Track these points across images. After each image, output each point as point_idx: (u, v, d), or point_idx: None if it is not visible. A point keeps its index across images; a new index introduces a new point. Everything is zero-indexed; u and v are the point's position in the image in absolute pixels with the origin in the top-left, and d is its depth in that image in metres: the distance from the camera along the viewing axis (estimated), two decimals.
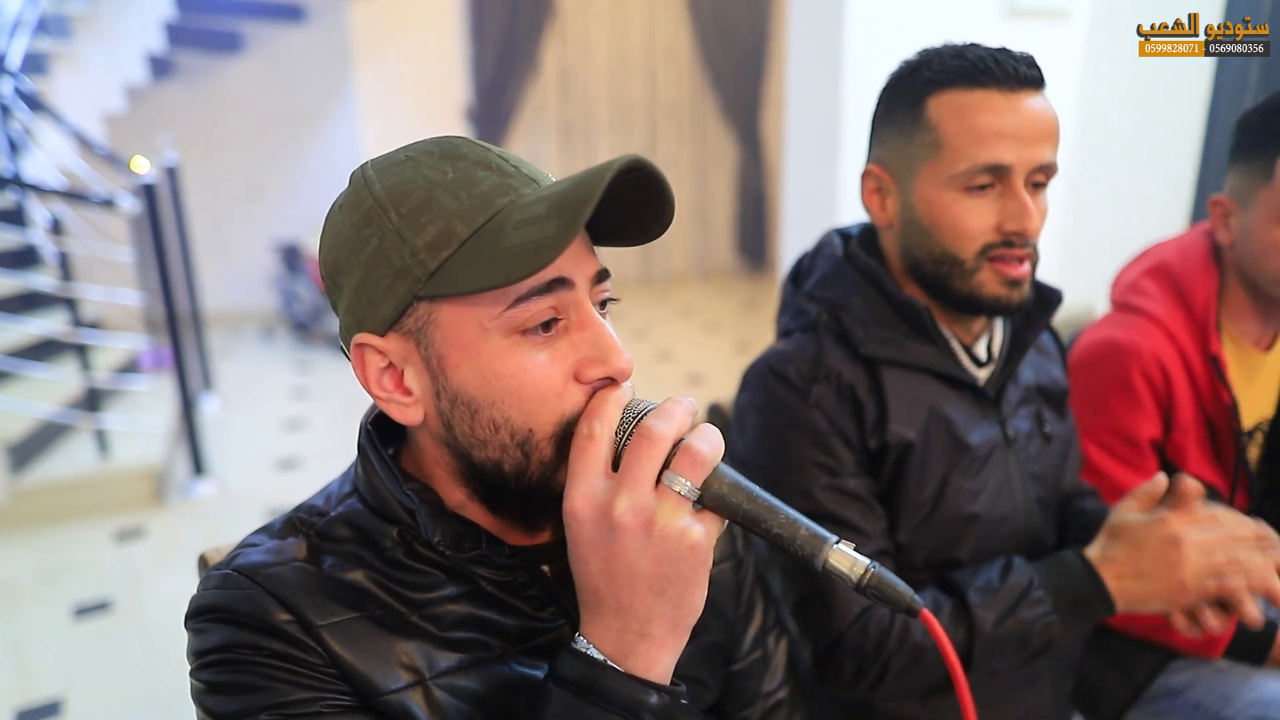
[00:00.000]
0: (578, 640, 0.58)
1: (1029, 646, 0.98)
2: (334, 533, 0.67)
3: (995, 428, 1.06)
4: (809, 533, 0.57)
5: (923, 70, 0.97)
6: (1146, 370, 1.24)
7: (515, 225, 0.56)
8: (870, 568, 0.56)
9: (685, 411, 0.59)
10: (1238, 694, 1.19)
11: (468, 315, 0.59)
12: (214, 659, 0.61)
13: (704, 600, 0.58)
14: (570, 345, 0.60)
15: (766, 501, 0.58)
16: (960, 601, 0.98)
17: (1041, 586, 0.98)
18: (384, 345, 0.61)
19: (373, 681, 0.62)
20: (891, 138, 1.01)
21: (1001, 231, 0.96)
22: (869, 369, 1.02)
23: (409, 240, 0.58)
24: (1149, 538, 0.96)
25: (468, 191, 0.59)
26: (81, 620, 2.61)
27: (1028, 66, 0.93)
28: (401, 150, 0.64)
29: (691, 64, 7.06)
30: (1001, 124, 0.92)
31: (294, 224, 6.13)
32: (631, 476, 0.55)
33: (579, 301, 0.60)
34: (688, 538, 0.55)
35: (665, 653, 0.58)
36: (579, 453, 0.58)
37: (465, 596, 0.66)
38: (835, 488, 0.99)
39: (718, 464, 0.58)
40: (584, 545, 0.57)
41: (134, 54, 4.91)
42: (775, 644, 0.89)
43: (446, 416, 0.61)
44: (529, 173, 0.62)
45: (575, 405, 0.60)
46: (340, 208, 0.63)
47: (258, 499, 3.41)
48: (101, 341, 3.72)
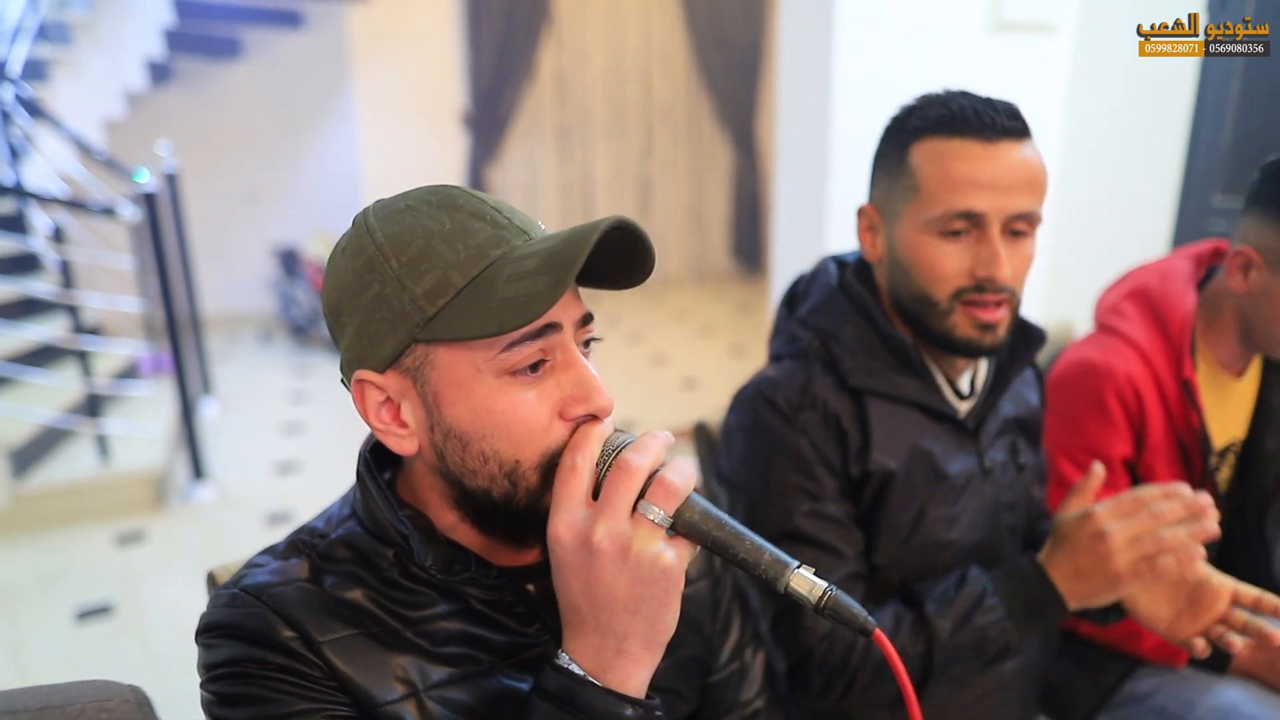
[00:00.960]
0: (560, 656, 0.63)
1: (986, 652, 1.02)
2: (334, 554, 0.72)
3: (973, 459, 1.11)
4: (772, 558, 0.61)
5: (911, 118, 1.02)
6: (1120, 391, 1.28)
7: (508, 279, 0.61)
8: (828, 591, 0.60)
9: (661, 445, 0.63)
10: (1200, 700, 1.24)
11: (462, 357, 0.63)
12: (223, 672, 0.66)
13: (677, 619, 0.63)
14: (556, 384, 0.65)
15: (734, 529, 0.63)
16: (919, 613, 1.02)
17: (995, 594, 1.01)
18: (383, 381, 0.66)
19: (370, 694, 0.67)
20: (881, 180, 1.06)
21: (973, 276, 0.99)
22: (855, 399, 1.06)
23: (408, 287, 0.63)
24: (1079, 536, 0.99)
25: (464, 243, 0.63)
26: (83, 624, 2.64)
27: (1008, 117, 0.97)
28: (401, 198, 0.68)
29: (687, 69, 7.11)
30: (976, 173, 0.96)
31: (292, 228, 6.18)
32: (609, 506, 0.60)
33: (565, 344, 0.65)
34: (660, 562, 0.60)
35: (641, 668, 0.63)
36: (562, 483, 0.63)
37: (456, 614, 0.71)
38: (816, 512, 1.04)
39: (690, 494, 0.63)
40: (566, 568, 0.62)
41: (134, 60, 4.94)
42: (752, 656, 0.94)
43: (440, 448, 0.66)
44: (520, 224, 0.66)
45: (559, 439, 0.65)
46: (343, 251, 0.68)
47: (257, 503, 3.45)
48: (102, 347, 3.75)
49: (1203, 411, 1.27)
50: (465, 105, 6.33)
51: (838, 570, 1.04)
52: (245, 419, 4.45)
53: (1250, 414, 1.38)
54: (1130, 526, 0.96)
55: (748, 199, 7.56)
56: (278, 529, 3.25)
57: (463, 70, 6.26)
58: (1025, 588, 1.01)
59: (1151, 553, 0.94)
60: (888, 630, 1.01)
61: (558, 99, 6.71)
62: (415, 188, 0.69)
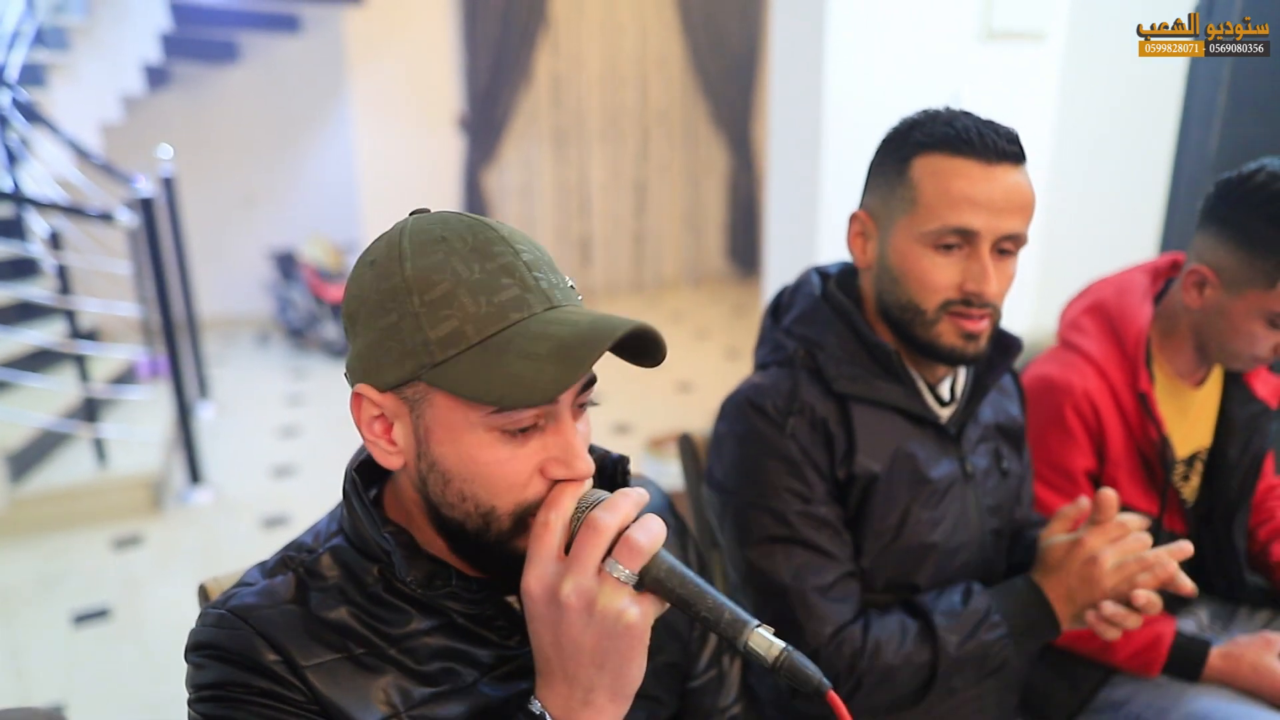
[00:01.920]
0: (532, 703, 0.66)
1: (986, 666, 1.06)
2: (321, 569, 0.74)
3: (955, 463, 1.13)
4: (733, 616, 0.64)
5: (915, 131, 1.04)
6: (1078, 406, 1.31)
7: (517, 354, 0.62)
8: (785, 651, 0.62)
9: (632, 504, 0.65)
10: (1174, 707, 1.27)
11: (458, 407, 0.65)
12: (209, 694, 0.68)
13: (643, 672, 0.66)
14: (541, 445, 0.67)
15: (698, 586, 0.64)
16: (926, 624, 1.06)
17: (998, 611, 1.06)
18: (380, 400, 0.68)
19: (352, 717, 0.69)
20: (878, 188, 1.08)
21: (962, 290, 1.02)
22: (840, 404, 1.09)
23: (424, 329, 0.64)
24: (1071, 561, 1.05)
25: (487, 298, 0.64)
26: (81, 627, 2.66)
27: (1008, 142, 1.00)
28: (440, 224, 0.68)
29: (683, 72, 7.13)
30: (974, 192, 0.99)
31: (289, 231, 6.20)
32: (578, 562, 0.62)
33: (559, 415, 0.67)
34: (624, 618, 0.62)
35: (605, 718, 0.66)
36: (536, 538, 0.65)
37: (439, 630, 0.74)
38: (807, 514, 1.07)
39: (657, 551, 0.64)
40: (537, 620, 0.65)
41: (130, 65, 4.96)
42: (730, 663, 0.96)
43: (423, 475, 0.69)
44: (546, 287, 0.67)
45: (536, 494, 0.68)
46: (371, 264, 0.68)
47: (254, 506, 3.48)
48: (99, 352, 3.77)
49: (1161, 423, 1.30)
50: (462, 109, 6.35)
51: (831, 570, 1.06)
52: (242, 422, 4.47)
53: (1214, 423, 1.40)
54: (1119, 551, 1.02)
55: (744, 202, 7.59)
56: (274, 532, 3.27)
57: (459, 73, 6.29)
58: (1025, 607, 1.07)
59: (1134, 573, 1.01)
60: (894, 638, 1.05)
61: (554, 102, 6.73)
62: (455, 214, 0.69)
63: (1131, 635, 1.29)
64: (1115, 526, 1.04)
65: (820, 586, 1.05)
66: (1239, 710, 1.23)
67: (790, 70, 2.50)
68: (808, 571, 1.05)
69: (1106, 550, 1.02)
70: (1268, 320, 1.21)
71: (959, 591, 1.09)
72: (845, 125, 2.38)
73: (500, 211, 6.73)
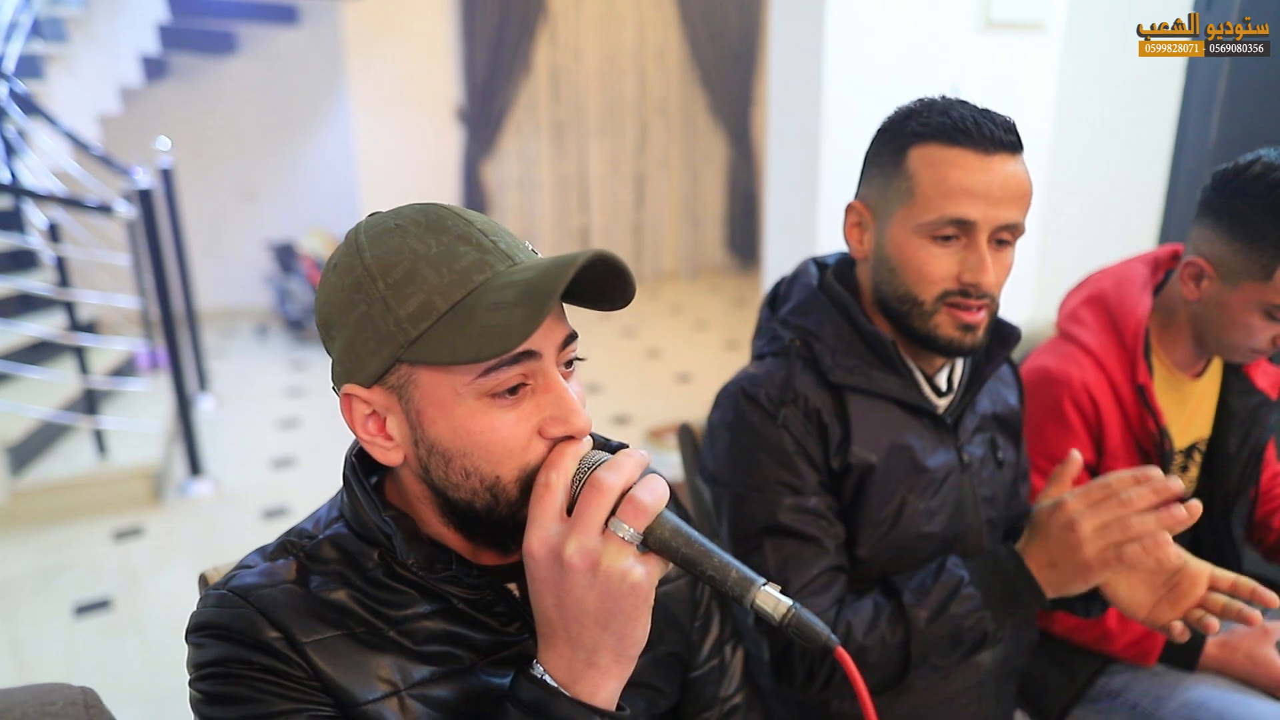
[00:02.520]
0: (534, 666, 0.66)
1: (964, 641, 1.04)
2: (321, 554, 0.75)
3: (952, 453, 1.14)
4: (739, 575, 0.64)
5: (911, 121, 1.03)
6: (1076, 399, 1.31)
7: (487, 307, 0.63)
8: (792, 608, 0.62)
9: (635, 464, 0.65)
10: (1171, 696, 1.28)
11: (443, 379, 0.65)
12: (210, 671, 0.68)
13: (647, 633, 0.65)
14: (535, 406, 0.67)
15: (703, 546, 0.64)
16: (897, 603, 1.05)
17: (972, 583, 1.03)
18: (369, 396, 0.69)
19: (352, 693, 0.70)
20: (875, 179, 1.08)
21: (960, 281, 1.02)
22: (836, 394, 1.09)
23: (394, 310, 0.65)
24: (1050, 526, 1.00)
25: (448, 267, 0.65)
26: (82, 618, 2.67)
27: (1005, 131, 0.99)
28: (392, 215, 0.70)
29: (682, 64, 7.11)
30: (971, 182, 0.99)
31: (288, 223, 6.19)
32: (581, 522, 0.62)
33: (545, 370, 0.67)
34: (629, 578, 0.62)
35: (610, 680, 0.65)
36: (537, 499, 0.65)
37: (439, 614, 0.74)
38: (798, 506, 1.07)
39: (661, 511, 0.64)
40: (539, 582, 0.64)
41: (128, 56, 4.95)
42: (732, 653, 0.96)
43: (424, 461, 0.69)
44: (506, 248, 0.68)
45: (538, 456, 0.67)
46: (334, 267, 0.70)
47: (254, 498, 3.48)
48: (98, 344, 3.77)
49: (1159, 415, 1.30)
50: (460, 100, 6.34)
51: (818, 562, 1.06)
52: (241, 414, 4.48)
53: (1214, 414, 1.40)
54: (1098, 515, 0.97)
55: (743, 193, 7.58)
56: (274, 524, 3.27)
57: (458, 65, 6.27)
58: (1003, 577, 1.03)
59: (1119, 540, 0.95)
60: (867, 620, 1.04)
61: (553, 94, 6.72)
62: (407, 205, 0.71)
63: (1128, 625, 1.29)
64: (1098, 489, 0.98)
65: (804, 580, 1.05)
66: (1235, 699, 1.24)
67: (789, 61, 2.50)
68: (793, 564, 1.05)
69: (1084, 515, 0.97)
70: (1265, 312, 1.20)
71: (933, 566, 1.07)
72: (844, 116, 2.38)
73: (499, 203, 6.72)
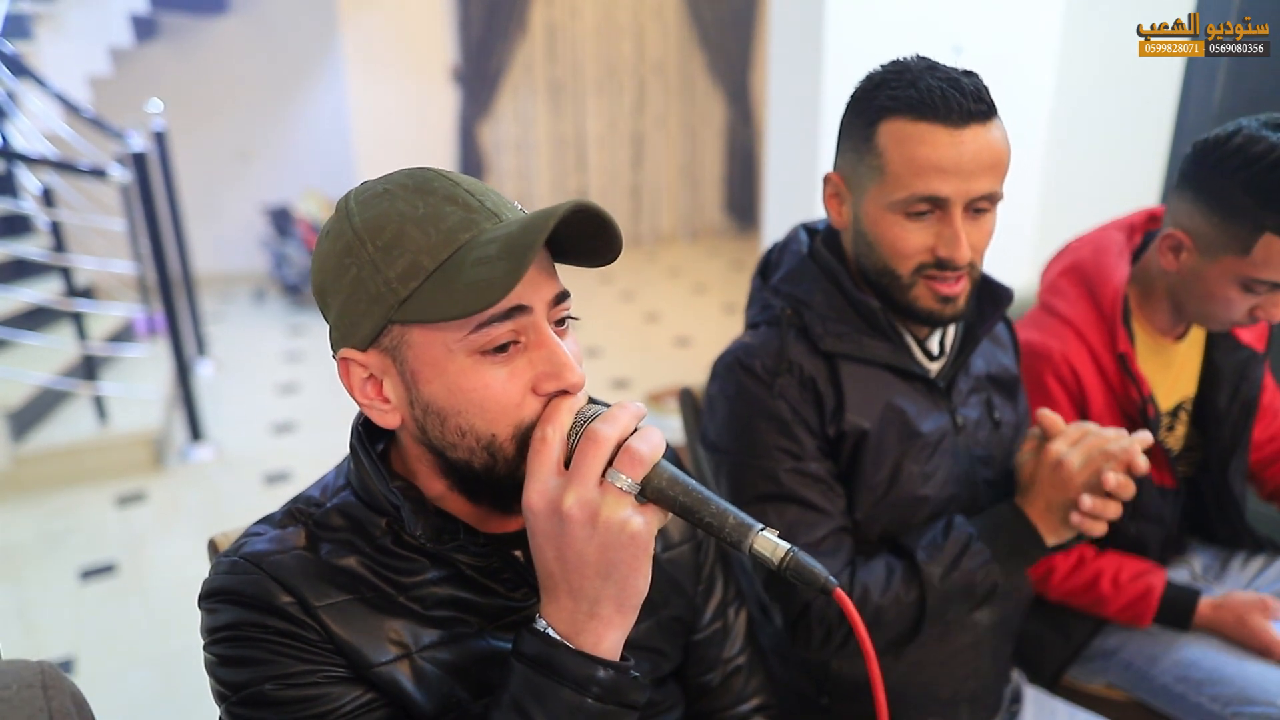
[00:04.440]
0: (537, 620, 0.66)
1: (975, 593, 1.08)
2: (330, 522, 0.76)
3: (946, 416, 1.14)
4: (737, 521, 0.64)
5: (880, 93, 1.02)
6: (1058, 372, 1.32)
7: (472, 263, 0.63)
8: (790, 551, 0.63)
9: (631, 416, 0.66)
10: (1164, 655, 1.30)
11: (435, 338, 0.66)
12: (224, 635, 0.70)
13: (648, 583, 0.66)
14: (528, 362, 0.68)
15: (700, 494, 0.65)
16: (910, 562, 1.08)
17: (980, 538, 1.07)
18: (365, 359, 0.69)
19: (365, 655, 0.71)
20: (848, 152, 1.07)
21: (935, 254, 1.02)
22: (828, 362, 1.10)
23: (383, 271, 0.65)
24: (1040, 470, 1.06)
25: (435, 227, 0.65)
26: (87, 583, 2.70)
27: (975, 100, 0.97)
28: (381, 181, 0.70)
29: (680, 23, 7.01)
30: (940, 158, 0.97)
31: (283, 186, 6.14)
32: (579, 474, 0.62)
33: (536, 324, 0.67)
34: (628, 528, 0.62)
35: (613, 630, 0.66)
36: (534, 454, 0.65)
37: (446, 580, 0.75)
38: (799, 471, 1.08)
39: (658, 461, 0.65)
40: (539, 535, 0.65)
41: (118, 15, 4.87)
42: (735, 615, 0.98)
43: (420, 422, 0.70)
44: (492, 206, 0.68)
45: (533, 413, 0.68)
46: (326, 234, 0.70)
47: (255, 463, 3.50)
48: (95, 309, 3.76)
49: (1141, 382, 1.30)
50: (455, 60, 6.25)
51: (823, 525, 1.08)
52: (241, 379, 4.48)
53: (1199, 371, 1.41)
54: (1082, 450, 1.03)
55: (741, 155, 7.52)
56: (277, 488, 3.30)
57: (453, 24, 6.17)
58: (1006, 529, 1.07)
59: (1100, 466, 1.01)
60: (881, 581, 1.06)
61: (549, 54, 6.63)
62: (396, 170, 0.71)
63: (1123, 588, 1.31)
64: (1075, 430, 1.05)
65: (810, 543, 1.07)
66: (1226, 658, 1.26)
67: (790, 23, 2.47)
68: (799, 528, 1.07)
69: (1071, 452, 1.03)
70: (1243, 285, 1.20)
71: (940, 525, 1.10)
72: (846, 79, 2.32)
73: (496, 165, 6.66)
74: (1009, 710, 1.29)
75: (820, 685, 1.20)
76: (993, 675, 1.22)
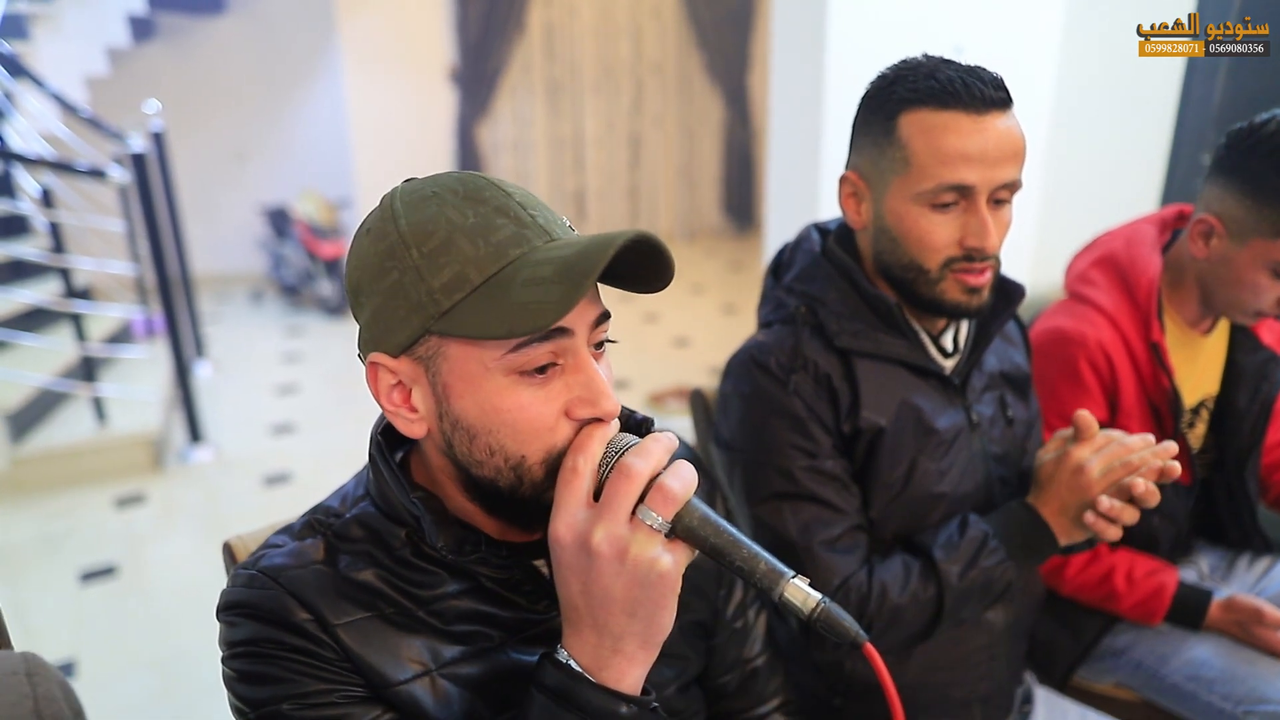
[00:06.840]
0: (559, 651, 0.65)
1: (992, 591, 1.08)
2: (349, 533, 0.74)
3: (961, 413, 1.14)
4: (768, 567, 0.62)
5: (897, 86, 1.02)
6: (1092, 358, 1.32)
7: (523, 283, 0.61)
8: (821, 603, 0.61)
9: (663, 449, 0.64)
10: (1174, 654, 1.30)
11: (473, 353, 0.64)
12: (242, 650, 0.69)
13: (673, 620, 0.65)
14: (564, 385, 0.66)
15: (732, 536, 0.63)
16: (927, 560, 1.07)
17: (996, 536, 1.07)
18: (395, 366, 0.67)
19: (384, 674, 0.70)
20: (866, 149, 1.07)
21: (963, 246, 1.02)
22: (843, 359, 1.09)
23: (426, 279, 0.63)
24: (1060, 473, 1.04)
25: (485, 239, 0.63)
26: (87, 585, 2.69)
27: (995, 89, 0.98)
28: (430, 183, 0.68)
29: (678, 23, 7.01)
30: (966, 146, 0.97)
31: (281, 187, 6.13)
32: (609, 509, 0.61)
33: (576, 349, 0.65)
34: (657, 566, 0.61)
35: (636, 666, 0.65)
36: (564, 484, 0.64)
37: (467, 593, 0.73)
38: (814, 469, 1.08)
39: (689, 499, 0.63)
40: (565, 568, 0.63)
41: (115, 15, 4.85)
42: (755, 616, 0.97)
43: (448, 436, 0.68)
44: (544, 223, 0.66)
45: (564, 438, 0.66)
46: (367, 232, 0.68)
47: (255, 465, 3.49)
48: (94, 310, 3.75)
49: (1172, 372, 1.31)
50: (453, 60, 6.24)
51: (839, 523, 1.07)
52: (239, 380, 4.47)
53: (1222, 370, 1.42)
54: (1104, 458, 1.02)
55: (739, 155, 7.52)
56: (276, 490, 3.29)
57: (450, 24, 6.16)
58: (1020, 528, 1.07)
59: (1121, 477, 1.00)
60: (899, 580, 1.06)
61: (547, 54, 6.63)
62: (444, 172, 0.69)
63: (1136, 585, 1.31)
64: (1100, 437, 1.04)
65: (827, 540, 1.06)
66: (1237, 659, 1.26)
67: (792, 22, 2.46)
68: (815, 526, 1.06)
69: (1092, 458, 1.02)
70: (1272, 270, 1.22)
71: (956, 523, 1.10)
72: (848, 78, 2.34)
73: (494, 166, 6.65)
74: (1020, 711, 1.29)
75: (834, 686, 1.19)
76: (1006, 676, 1.22)
